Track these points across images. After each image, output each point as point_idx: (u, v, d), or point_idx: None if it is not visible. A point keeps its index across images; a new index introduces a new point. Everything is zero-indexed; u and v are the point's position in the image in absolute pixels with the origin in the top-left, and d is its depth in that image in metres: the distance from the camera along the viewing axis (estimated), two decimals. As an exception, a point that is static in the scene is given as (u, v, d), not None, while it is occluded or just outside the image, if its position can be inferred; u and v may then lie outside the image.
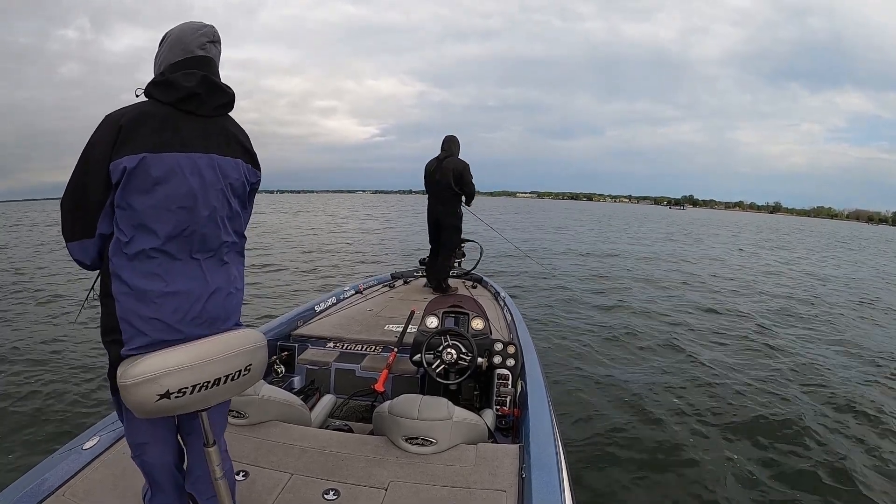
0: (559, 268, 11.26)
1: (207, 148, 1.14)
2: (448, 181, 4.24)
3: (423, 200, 4.56)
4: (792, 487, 2.84)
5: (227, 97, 1.20)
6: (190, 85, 1.11)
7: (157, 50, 1.19)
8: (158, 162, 1.06)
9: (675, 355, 5.18)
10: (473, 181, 4.32)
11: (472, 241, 5.16)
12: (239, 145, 1.23)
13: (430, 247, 4.65)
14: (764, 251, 18.87)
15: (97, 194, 1.06)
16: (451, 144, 4.34)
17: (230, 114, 1.25)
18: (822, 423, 3.65)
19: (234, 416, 1.82)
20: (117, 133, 1.04)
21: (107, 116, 1.07)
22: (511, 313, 3.47)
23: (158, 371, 1.00)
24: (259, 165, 1.30)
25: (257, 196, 1.37)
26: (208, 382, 1.08)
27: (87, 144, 1.07)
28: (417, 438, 1.70)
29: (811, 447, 3.30)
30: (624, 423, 3.56)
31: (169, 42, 1.17)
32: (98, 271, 1.15)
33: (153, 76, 1.15)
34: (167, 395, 1.01)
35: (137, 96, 1.12)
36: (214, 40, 1.20)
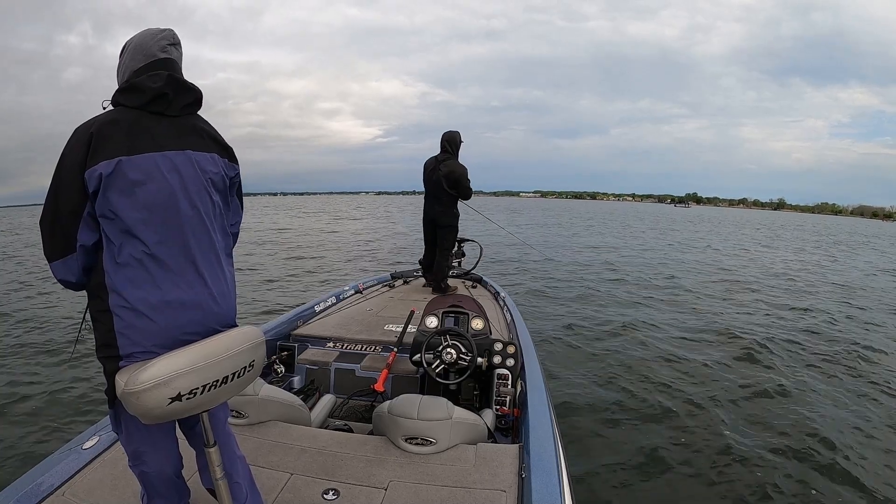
0: (559, 265, 11.26)
1: (182, 145, 1.14)
2: (444, 184, 4.19)
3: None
4: (797, 491, 2.83)
5: (194, 95, 1.19)
6: (157, 86, 1.10)
7: (117, 61, 1.18)
8: (135, 164, 1.05)
9: (677, 354, 5.18)
10: (471, 185, 4.26)
11: (472, 241, 5.16)
12: (212, 140, 1.22)
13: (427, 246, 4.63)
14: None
15: (73, 205, 1.05)
16: (450, 144, 4.24)
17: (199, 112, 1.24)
18: (829, 424, 3.65)
19: (233, 416, 1.82)
20: (89, 142, 1.03)
21: (76, 128, 1.07)
22: (511, 313, 3.47)
23: (170, 374, 1.00)
24: (236, 158, 1.29)
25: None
26: (217, 381, 1.08)
27: (60, 158, 1.06)
28: (417, 438, 1.70)
29: (820, 447, 3.28)
30: (624, 422, 3.57)
31: (130, 50, 1.16)
32: (85, 292, 1.14)
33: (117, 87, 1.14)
34: (178, 397, 1.01)
35: (105, 108, 1.11)
36: (174, 42, 1.20)
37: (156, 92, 1.10)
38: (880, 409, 3.97)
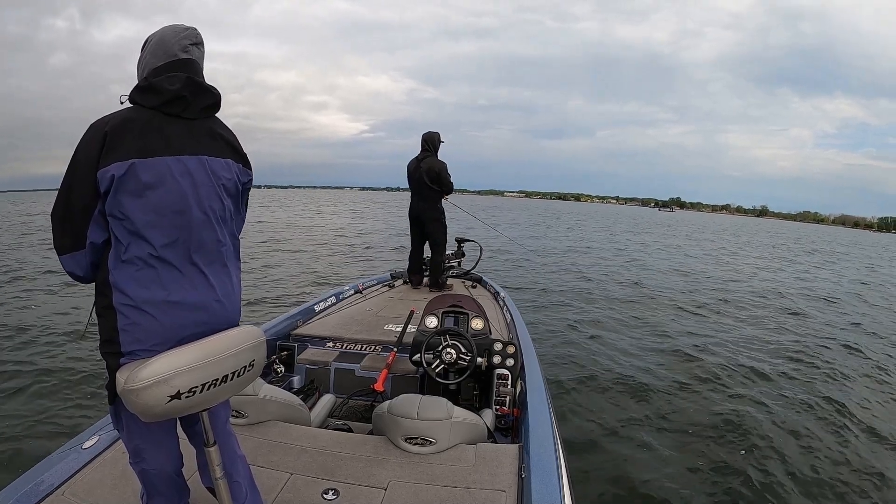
0: (547, 264, 11.28)
1: (196, 150, 1.13)
2: (426, 180, 4.34)
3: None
4: (804, 493, 2.84)
5: (213, 98, 1.19)
6: (174, 88, 1.10)
7: (139, 56, 1.18)
8: (148, 167, 1.05)
9: (677, 354, 5.19)
10: (451, 179, 4.41)
11: (472, 241, 5.17)
12: (228, 145, 1.22)
13: (431, 247, 4.65)
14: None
15: (85, 203, 1.05)
16: (429, 143, 4.41)
17: (217, 115, 1.24)
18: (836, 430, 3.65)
19: (233, 416, 1.82)
20: (103, 141, 1.03)
21: (91, 125, 1.07)
22: (511, 313, 3.47)
23: (169, 372, 1.00)
24: (250, 165, 1.29)
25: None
26: (216, 380, 1.08)
27: (73, 155, 1.06)
28: (417, 438, 1.70)
29: (825, 454, 3.28)
30: (624, 422, 3.57)
31: (151, 47, 1.15)
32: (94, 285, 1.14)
33: (137, 82, 1.14)
34: (178, 395, 1.01)
35: (122, 103, 1.11)
36: (197, 42, 1.19)
37: (173, 94, 1.10)
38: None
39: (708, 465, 3.05)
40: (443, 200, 4.50)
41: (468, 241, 5.19)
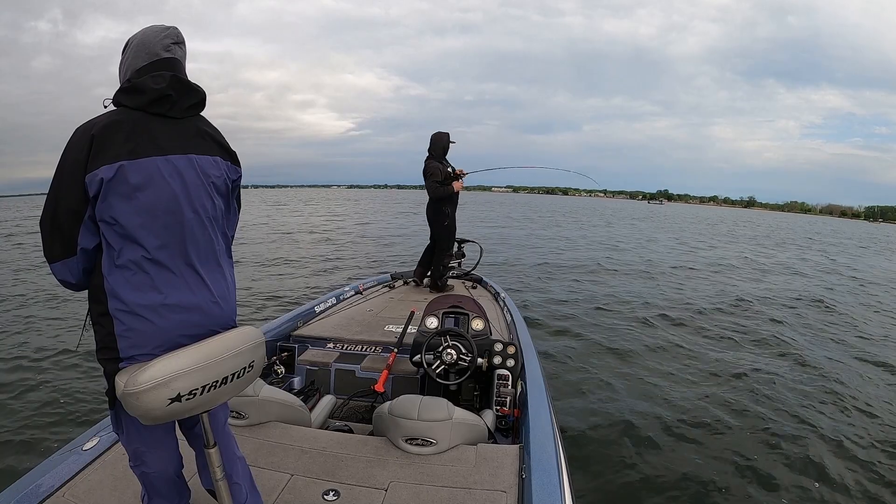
0: (554, 265, 11.27)
1: (185, 148, 1.13)
2: (425, 182, 4.37)
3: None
4: (799, 493, 2.82)
5: (198, 97, 1.18)
6: (160, 87, 1.09)
7: (120, 58, 1.17)
8: (137, 168, 1.04)
9: (679, 353, 5.17)
10: (437, 182, 4.28)
11: (472, 242, 5.16)
12: (215, 143, 1.21)
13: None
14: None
15: (74, 209, 1.04)
16: (431, 143, 4.39)
17: (202, 113, 1.23)
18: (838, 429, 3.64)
19: (234, 417, 1.82)
20: (90, 144, 1.02)
21: (77, 129, 1.06)
22: (511, 313, 3.47)
23: (169, 375, 1.00)
24: (238, 162, 1.29)
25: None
26: (216, 382, 1.08)
27: (60, 160, 1.05)
28: (417, 439, 1.70)
29: (822, 452, 3.26)
30: (625, 423, 3.56)
31: (132, 48, 1.14)
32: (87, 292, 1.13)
33: (119, 85, 1.13)
34: (178, 398, 1.01)
35: (106, 107, 1.10)
36: (179, 41, 1.18)
37: (159, 93, 1.09)
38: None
39: (709, 464, 3.04)
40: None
41: (469, 241, 5.18)
